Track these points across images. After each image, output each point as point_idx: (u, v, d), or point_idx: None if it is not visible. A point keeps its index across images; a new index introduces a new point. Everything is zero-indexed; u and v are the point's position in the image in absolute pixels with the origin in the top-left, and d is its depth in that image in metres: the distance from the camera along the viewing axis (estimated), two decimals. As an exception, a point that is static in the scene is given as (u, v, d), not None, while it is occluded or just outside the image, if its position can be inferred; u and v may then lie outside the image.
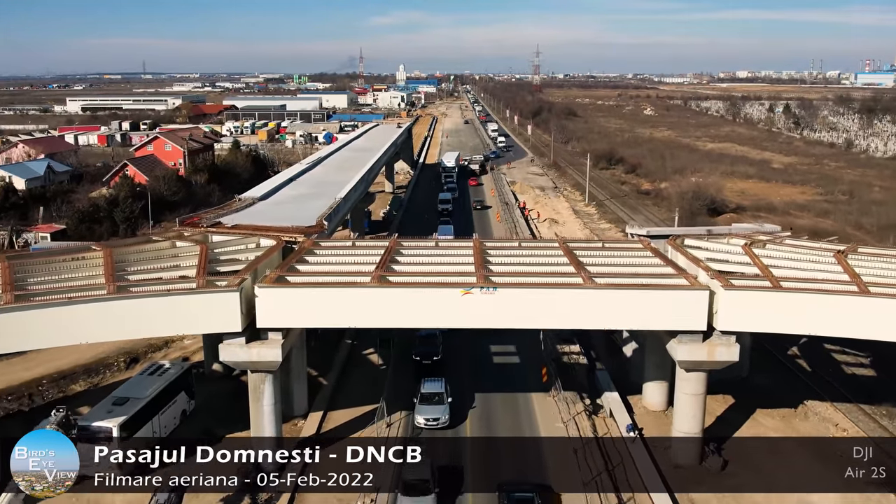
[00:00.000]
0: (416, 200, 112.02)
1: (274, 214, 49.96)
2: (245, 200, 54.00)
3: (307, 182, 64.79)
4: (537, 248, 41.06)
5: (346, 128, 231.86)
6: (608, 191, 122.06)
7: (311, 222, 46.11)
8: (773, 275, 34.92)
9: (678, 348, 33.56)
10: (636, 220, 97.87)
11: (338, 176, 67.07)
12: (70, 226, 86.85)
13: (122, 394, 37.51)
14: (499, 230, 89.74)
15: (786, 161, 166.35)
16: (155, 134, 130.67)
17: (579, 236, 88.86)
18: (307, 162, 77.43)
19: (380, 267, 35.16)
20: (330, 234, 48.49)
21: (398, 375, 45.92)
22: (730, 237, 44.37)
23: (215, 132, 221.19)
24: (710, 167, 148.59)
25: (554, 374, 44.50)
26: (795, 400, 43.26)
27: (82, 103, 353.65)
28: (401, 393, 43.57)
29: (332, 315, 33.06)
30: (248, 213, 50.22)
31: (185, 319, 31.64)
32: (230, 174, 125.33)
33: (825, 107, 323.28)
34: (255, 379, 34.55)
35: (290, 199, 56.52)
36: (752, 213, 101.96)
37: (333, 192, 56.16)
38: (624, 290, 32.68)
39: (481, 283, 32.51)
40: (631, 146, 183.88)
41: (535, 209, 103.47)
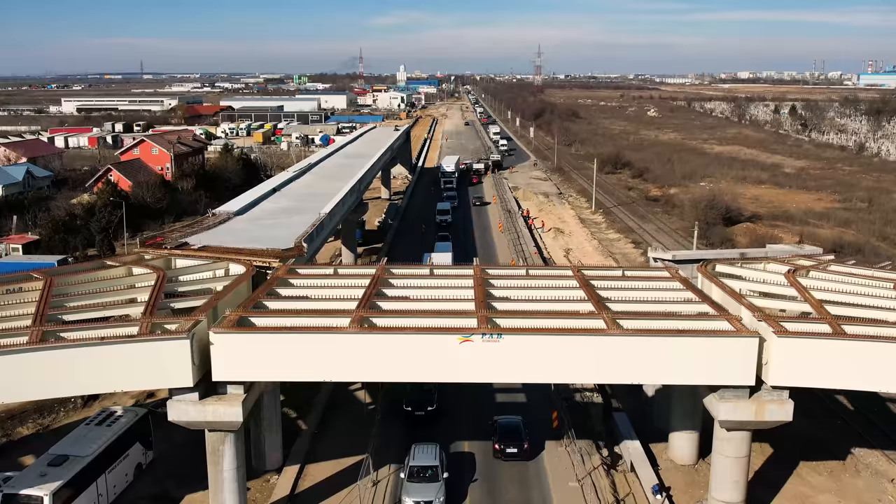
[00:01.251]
0: (414, 208, 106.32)
1: (249, 233, 44.36)
2: (219, 216, 48.38)
3: (291, 194, 59.01)
4: (548, 277, 35.40)
5: (343, 129, 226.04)
6: (615, 197, 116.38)
7: (289, 244, 40.49)
8: (830, 314, 29.29)
9: (719, 406, 27.92)
10: (646, 228, 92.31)
11: (326, 186, 61.40)
12: (44, 236, 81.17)
13: (60, 450, 31.86)
14: (500, 240, 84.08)
15: (797, 165, 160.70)
16: (141, 137, 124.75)
17: (586, 247, 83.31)
18: (295, 169, 71.74)
19: (363, 304, 29.53)
20: (310, 257, 42.86)
21: (388, 419, 40.29)
22: (766, 262, 38.81)
23: (210, 134, 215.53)
24: (721, 172, 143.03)
25: (566, 418, 38.93)
26: (843, 449, 37.67)
27: (77, 104, 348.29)
28: (391, 439, 38.11)
29: (304, 367, 27.39)
30: (220, 232, 44.59)
31: (123, 374, 25.99)
32: (220, 179, 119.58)
33: (831, 108, 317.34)
34: (214, 439, 28.94)
35: (270, 213, 50.84)
36: (769, 223, 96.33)
37: (318, 206, 50.52)
38: (655, 336, 26.99)
39: (483, 328, 26.84)
40: (637, 149, 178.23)
41: (539, 217, 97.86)
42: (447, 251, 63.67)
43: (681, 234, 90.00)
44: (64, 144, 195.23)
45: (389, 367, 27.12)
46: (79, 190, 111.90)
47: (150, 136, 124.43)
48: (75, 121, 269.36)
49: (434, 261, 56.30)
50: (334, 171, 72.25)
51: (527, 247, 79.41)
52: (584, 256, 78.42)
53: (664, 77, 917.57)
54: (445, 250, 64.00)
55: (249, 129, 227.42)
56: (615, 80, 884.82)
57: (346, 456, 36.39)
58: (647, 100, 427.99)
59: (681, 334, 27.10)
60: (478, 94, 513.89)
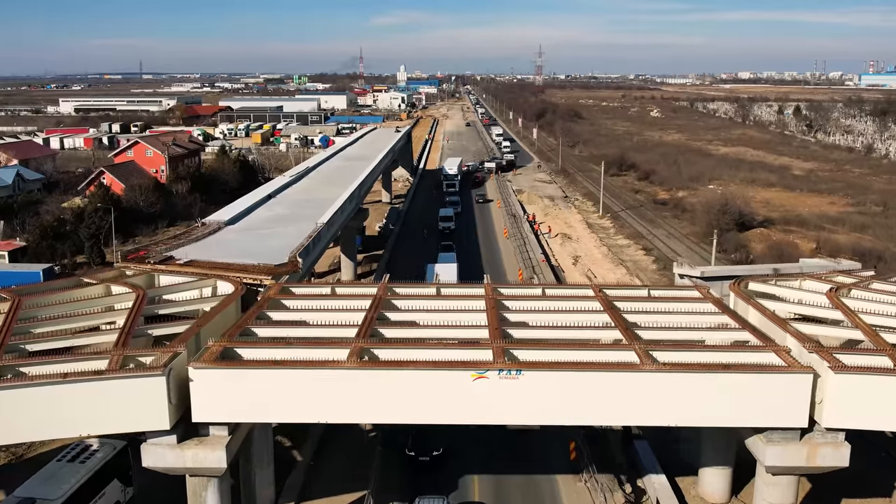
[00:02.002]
0: (415, 212, 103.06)
1: (241, 245, 41.18)
2: (209, 226, 45.18)
3: (287, 200, 55.75)
4: (568, 298, 32.08)
5: (343, 130, 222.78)
6: (622, 200, 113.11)
7: (283, 258, 37.29)
8: (888, 344, 26.06)
9: (766, 449, 24.67)
10: (656, 234, 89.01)
11: (324, 192, 58.18)
12: (31, 242, 77.88)
13: (26, 493, 28.59)
14: (506, 247, 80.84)
15: (806, 167, 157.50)
16: (135, 138, 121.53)
17: (595, 254, 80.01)
18: (292, 174, 68.50)
19: (363, 333, 26.31)
20: (306, 272, 39.65)
21: (390, 452, 36.94)
22: (803, 279, 35.62)
23: (208, 135, 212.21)
24: (728, 174, 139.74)
25: (584, 449, 35.70)
26: (888, 484, 34.46)
27: (76, 104, 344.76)
28: (392, 469, 34.93)
29: (297, 408, 24.13)
30: (210, 244, 41.37)
31: (89, 416, 22.78)
32: (216, 182, 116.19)
33: (835, 109, 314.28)
34: (195, 483, 25.73)
35: (265, 222, 47.60)
36: (783, 228, 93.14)
37: (316, 213, 47.30)
38: (696, 373, 23.72)
39: (500, 362, 23.60)
40: (641, 151, 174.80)
41: (546, 222, 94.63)
42: (452, 262, 60.38)
43: (692, 239, 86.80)
44: (59, 145, 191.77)
45: (394, 408, 23.82)
46: (70, 193, 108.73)
47: (145, 138, 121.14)
48: (72, 121, 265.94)
49: (438, 273, 53.13)
50: (333, 176, 69.05)
51: (534, 254, 76.21)
52: (594, 264, 75.22)
53: (665, 77, 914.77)
54: (450, 261, 60.68)
55: (248, 129, 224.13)
56: (616, 80, 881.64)
57: (344, 492, 33.17)
58: (649, 100, 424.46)
59: (726, 370, 23.81)
60: (479, 95, 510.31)
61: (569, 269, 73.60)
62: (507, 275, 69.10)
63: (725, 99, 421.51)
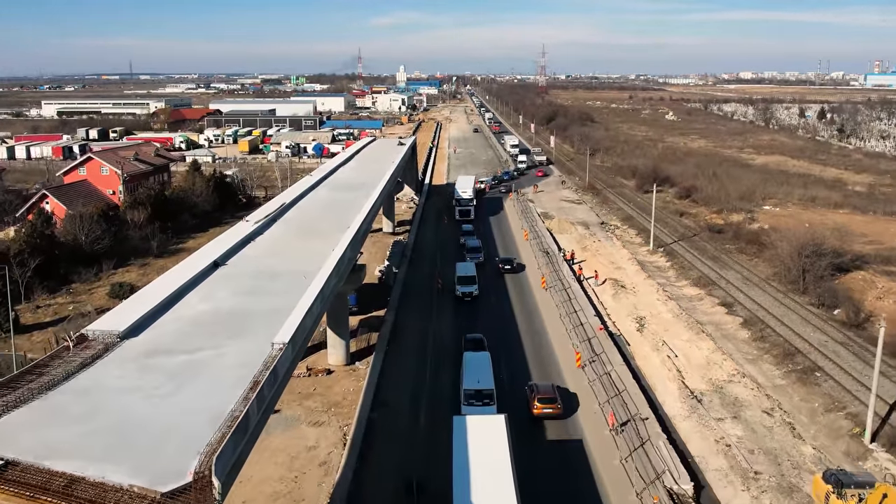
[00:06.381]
0: (423, 245, 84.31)
1: (127, 405, 22.51)
2: (91, 342, 26.43)
3: (242, 273, 36.59)
4: None
5: (339, 137, 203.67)
6: (670, 227, 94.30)
7: (188, 453, 18.59)
8: None
9: None
10: (728, 278, 70.35)
11: (301, 251, 39.54)
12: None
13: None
14: (546, 305, 61.82)
15: (860, 180, 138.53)
16: (88, 154, 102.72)
17: (663, 313, 60.88)
18: (259, 216, 49.50)
19: None
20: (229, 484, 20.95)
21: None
22: None
23: (192, 142, 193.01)
24: (781, 191, 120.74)
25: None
26: None
27: (58, 107, 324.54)
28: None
29: None
30: (65, 404, 22.69)
31: None
32: (184, 206, 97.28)
33: (859, 111, 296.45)
34: None
35: (189, 330, 28.26)
36: (883, 269, 74.39)
37: (279, 305, 28.66)
38: None
39: None
40: (671, 161, 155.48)
41: (586, 260, 75.97)
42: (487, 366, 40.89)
43: (775, 286, 68.13)
44: (25, 155, 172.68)
45: None
46: (6, 222, 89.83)
47: (101, 153, 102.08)
48: (49, 126, 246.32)
49: (468, 382, 34.40)
50: (317, 218, 50.29)
51: (585, 314, 57.30)
52: (665, 330, 56.64)
53: (666, 77, 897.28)
54: (483, 366, 40.99)
55: (236, 135, 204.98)
56: (617, 80, 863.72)
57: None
58: (658, 101, 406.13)
59: None
60: (481, 96, 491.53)
61: (634, 340, 55.05)
62: (559, 362, 50.20)
63: (739, 101, 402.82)
